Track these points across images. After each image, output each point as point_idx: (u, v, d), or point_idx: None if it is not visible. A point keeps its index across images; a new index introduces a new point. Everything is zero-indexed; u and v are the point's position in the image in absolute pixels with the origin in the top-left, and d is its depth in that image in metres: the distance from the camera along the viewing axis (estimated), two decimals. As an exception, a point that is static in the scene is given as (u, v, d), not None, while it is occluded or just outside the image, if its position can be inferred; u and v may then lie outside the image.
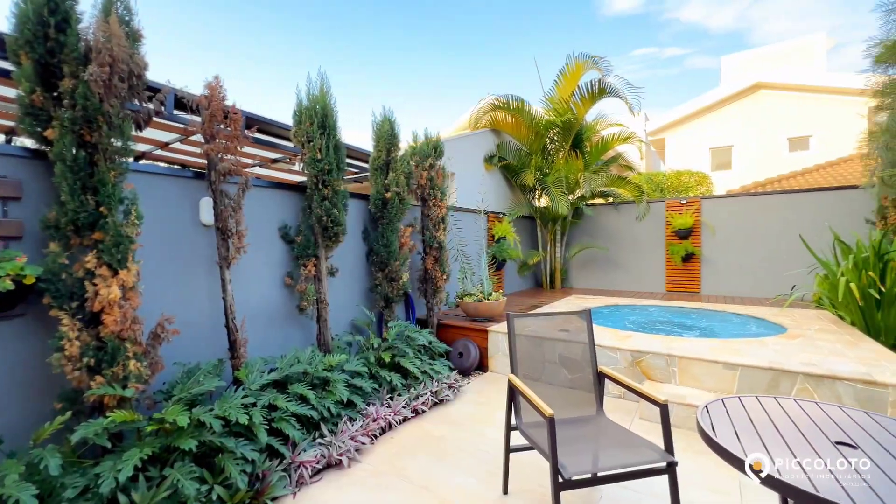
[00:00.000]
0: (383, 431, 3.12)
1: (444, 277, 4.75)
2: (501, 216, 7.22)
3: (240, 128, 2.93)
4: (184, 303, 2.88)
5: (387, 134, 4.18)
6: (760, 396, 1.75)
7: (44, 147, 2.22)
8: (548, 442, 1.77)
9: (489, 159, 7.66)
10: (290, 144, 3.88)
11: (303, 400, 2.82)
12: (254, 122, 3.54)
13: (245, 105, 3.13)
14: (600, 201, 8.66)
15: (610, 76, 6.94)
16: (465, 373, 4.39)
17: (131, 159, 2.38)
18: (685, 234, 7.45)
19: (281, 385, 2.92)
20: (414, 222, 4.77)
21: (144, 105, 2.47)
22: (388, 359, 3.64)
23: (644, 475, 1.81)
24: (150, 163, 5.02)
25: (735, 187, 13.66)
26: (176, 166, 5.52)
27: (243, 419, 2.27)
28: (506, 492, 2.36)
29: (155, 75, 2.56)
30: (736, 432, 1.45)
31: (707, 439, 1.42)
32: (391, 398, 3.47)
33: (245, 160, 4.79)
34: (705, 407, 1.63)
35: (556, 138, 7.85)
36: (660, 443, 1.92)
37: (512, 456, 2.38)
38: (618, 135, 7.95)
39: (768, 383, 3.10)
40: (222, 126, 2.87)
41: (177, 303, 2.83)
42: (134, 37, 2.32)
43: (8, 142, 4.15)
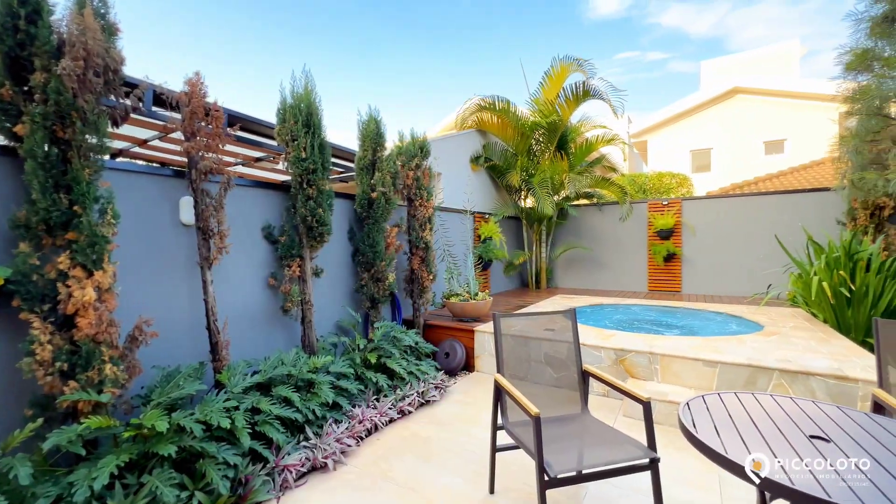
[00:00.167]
0: (369, 433, 3.10)
1: (431, 278, 4.75)
2: (488, 216, 7.25)
3: (222, 125, 2.87)
4: (163, 304, 2.81)
5: (373, 133, 4.16)
6: (739, 393, 1.80)
7: (13, 143, 2.13)
8: (533, 441, 1.78)
9: (475, 160, 7.69)
10: (273, 143, 3.82)
11: (287, 402, 2.78)
12: (236, 119, 3.47)
13: (227, 103, 3.07)
14: (585, 202, 8.78)
15: (594, 79, 7.05)
16: (452, 373, 4.40)
17: (107, 157, 2.31)
18: (667, 235, 7.61)
19: (264, 388, 2.87)
20: (400, 222, 4.75)
21: (121, 101, 2.40)
22: (374, 360, 3.61)
23: (628, 472, 1.84)
24: (127, 160, 4.88)
25: (714, 189, 14.02)
26: (155, 164, 5.37)
27: (225, 423, 2.22)
28: (492, 491, 2.36)
29: (134, 71, 2.49)
30: (716, 428, 1.48)
31: (688, 435, 1.45)
32: (377, 399, 3.45)
33: (227, 158, 4.70)
34: (686, 404, 1.67)
35: (541, 139, 7.92)
36: (643, 439, 1.95)
37: (498, 455, 2.39)
38: (602, 137, 8.08)
39: (746, 379, 3.19)
40: (203, 124, 2.81)
41: (156, 305, 2.75)
42: (110, 30, 2.24)
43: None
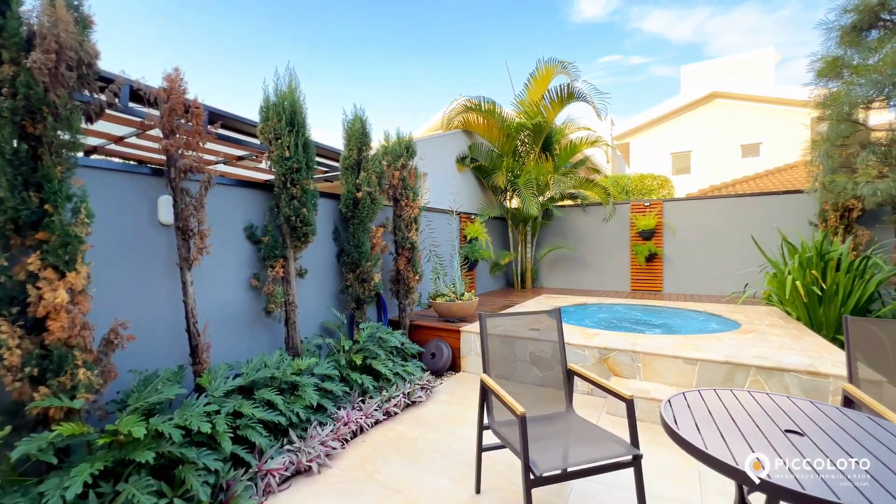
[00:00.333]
0: (354, 435, 3.07)
1: (417, 278, 4.73)
2: (473, 217, 7.27)
3: (202, 123, 2.80)
4: (141, 307, 2.73)
5: (358, 133, 4.12)
6: (718, 389, 1.85)
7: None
8: (519, 440, 1.79)
9: (461, 160, 7.70)
10: (256, 141, 3.75)
11: (270, 405, 2.73)
12: (218, 117, 3.39)
13: (208, 101, 3.00)
14: (569, 203, 8.89)
15: (578, 81, 7.15)
16: (438, 373, 4.39)
17: (81, 154, 2.23)
18: (648, 235, 7.77)
19: (247, 391, 2.82)
20: (386, 222, 4.72)
21: (96, 96, 2.31)
22: (359, 361, 3.58)
23: (611, 469, 1.87)
24: (103, 158, 4.72)
25: (694, 191, 14.39)
26: (132, 162, 5.21)
27: (206, 427, 2.17)
28: (478, 491, 2.37)
29: (111, 66, 2.41)
30: (696, 424, 1.52)
31: (670, 432, 1.48)
32: (363, 401, 3.42)
33: (208, 157, 4.59)
34: (668, 401, 1.70)
35: (526, 140, 7.99)
36: (626, 436, 1.99)
37: (484, 455, 2.39)
38: (586, 138, 8.20)
39: (725, 376, 3.28)
40: (183, 121, 2.74)
41: (133, 307, 2.67)
42: (84, 23, 2.16)
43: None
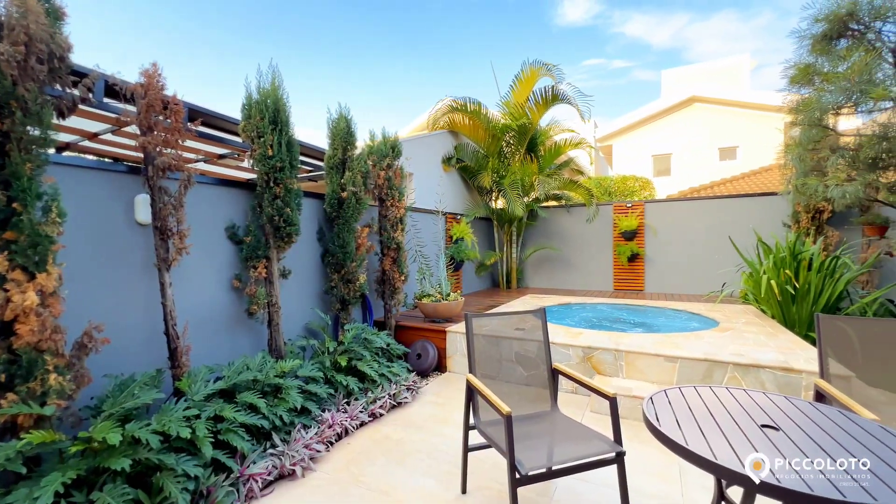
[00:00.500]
0: (340, 437, 3.04)
1: (403, 278, 4.71)
2: (459, 217, 7.28)
3: (181, 120, 2.73)
4: (117, 309, 2.64)
5: (343, 132, 4.08)
6: (698, 386, 1.89)
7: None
8: (505, 440, 1.80)
9: (447, 160, 7.70)
10: (238, 140, 3.67)
11: (252, 409, 2.67)
12: (198, 114, 3.31)
13: (189, 98, 2.92)
14: (554, 204, 8.99)
15: (562, 83, 7.24)
16: (424, 374, 4.38)
17: (52, 150, 2.14)
18: (630, 236, 7.92)
19: (228, 394, 2.75)
20: (371, 223, 4.69)
21: (68, 91, 2.23)
22: (344, 362, 3.54)
23: (596, 466, 1.89)
24: (76, 155, 4.55)
25: (674, 192, 14.73)
26: (107, 159, 5.04)
27: (185, 433, 2.11)
28: (464, 491, 2.37)
29: (85, 60, 2.32)
30: (677, 420, 1.55)
31: (652, 429, 1.51)
32: (348, 403, 3.38)
33: (188, 155, 4.47)
34: (650, 398, 1.73)
35: (512, 142, 8.05)
36: (610, 434, 2.02)
37: (470, 454, 2.40)
38: (570, 140, 8.30)
39: (704, 373, 3.36)
40: (161, 118, 2.66)
41: (109, 309, 2.58)
42: (55, 14, 2.09)
43: None
